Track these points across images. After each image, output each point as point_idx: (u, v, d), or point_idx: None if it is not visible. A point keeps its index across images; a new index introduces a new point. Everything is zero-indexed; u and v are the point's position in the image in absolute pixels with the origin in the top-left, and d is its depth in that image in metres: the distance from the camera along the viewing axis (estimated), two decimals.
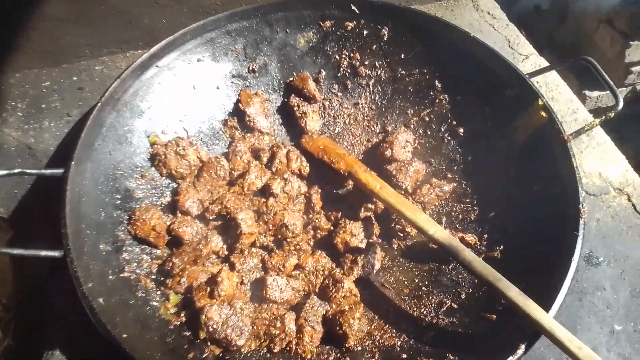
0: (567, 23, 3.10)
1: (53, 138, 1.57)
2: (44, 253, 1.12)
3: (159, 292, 1.24)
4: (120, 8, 1.67)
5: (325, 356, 1.19)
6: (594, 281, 1.32)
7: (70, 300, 1.22)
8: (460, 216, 1.48)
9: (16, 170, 1.22)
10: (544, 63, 1.85)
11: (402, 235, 1.45)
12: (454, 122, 1.60)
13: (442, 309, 1.27)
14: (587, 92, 2.81)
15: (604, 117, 1.34)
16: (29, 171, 1.24)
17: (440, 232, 1.24)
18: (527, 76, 1.46)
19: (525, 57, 1.86)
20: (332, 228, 1.42)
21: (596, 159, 1.59)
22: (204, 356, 1.12)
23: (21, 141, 1.56)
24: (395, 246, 1.46)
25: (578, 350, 0.96)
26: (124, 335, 1.04)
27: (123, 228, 1.30)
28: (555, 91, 1.75)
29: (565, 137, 1.32)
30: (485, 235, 1.39)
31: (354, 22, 1.67)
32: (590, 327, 1.24)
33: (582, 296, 1.29)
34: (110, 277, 1.18)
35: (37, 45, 1.68)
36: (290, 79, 1.68)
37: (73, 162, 1.24)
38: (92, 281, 1.11)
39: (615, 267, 1.35)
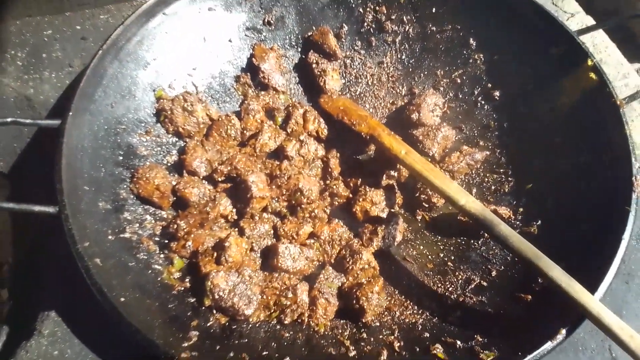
0: None
1: (53, 89, 1.48)
2: (37, 208, 1.05)
3: (162, 256, 1.16)
4: None
5: (340, 331, 1.10)
6: None
7: (66, 261, 1.16)
8: (493, 187, 1.36)
9: (9, 119, 1.14)
10: (591, 22, 1.68)
11: (427, 206, 1.34)
12: (489, 85, 1.47)
13: (469, 287, 1.17)
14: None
15: None
16: (22, 120, 1.16)
17: (472, 203, 1.12)
18: (575, 33, 1.31)
19: (571, 15, 1.70)
20: (350, 195, 1.32)
21: None
22: (208, 324, 1.04)
23: (20, 92, 1.47)
24: (419, 217, 1.35)
25: (630, 339, 0.85)
26: (122, 300, 0.97)
27: (125, 186, 1.21)
28: (604, 53, 1.59)
29: (618, 102, 1.18)
30: (521, 209, 1.28)
31: None
32: (637, 313, 1.13)
33: (629, 279, 1.18)
34: (109, 237, 1.10)
35: None
36: (309, 33, 1.56)
37: (71, 113, 1.15)
38: (88, 240, 1.03)
39: None
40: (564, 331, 0.92)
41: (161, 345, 0.91)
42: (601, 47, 1.60)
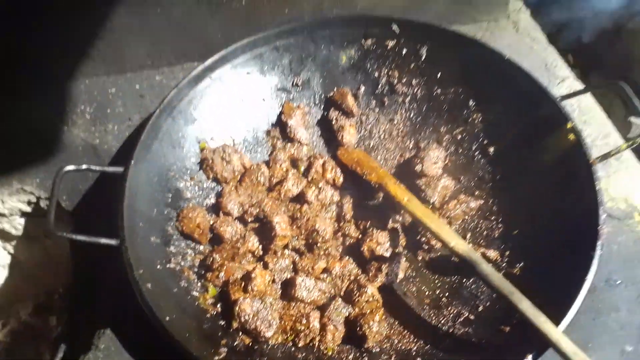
0: (616, 45, 3.04)
1: (115, 140, 1.75)
2: (103, 240, 1.27)
3: (199, 284, 1.37)
4: (180, 23, 1.83)
5: (346, 354, 1.28)
6: (610, 302, 1.35)
7: (120, 286, 1.39)
8: (485, 232, 1.53)
9: (83, 166, 1.39)
10: (580, 87, 1.86)
11: (427, 247, 1.53)
12: (485, 141, 1.66)
13: (459, 320, 1.34)
14: (632, 119, 2.75)
15: (631, 142, 1.37)
16: (94, 167, 1.40)
17: (460, 245, 1.31)
18: (558, 98, 1.50)
19: (562, 80, 1.88)
20: (360, 236, 1.51)
21: (624, 183, 1.60)
22: (235, 344, 1.24)
23: (87, 141, 1.75)
24: (419, 257, 1.53)
25: None
26: (167, 318, 1.17)
27: (172, 224, 1.44)
28: (588, 115, 1.77)
29: (591, 160, 1.35)
30: (507, 252, 1.44)
31: (394, 41, 1.75)
32: (602, 347, 1.27)
33: (596, 316, 1.32)
34: (158, 266, 1.32)
35: (104, 55, 1.85)
36: (331, 93, 1.79)
37: (132, 162, 1.38)
38: (142, 268, 1.24)
39: (633, 290, 1.37)
40: (530, 356, 1.09)
41: (197, 357, 1.12)
42: (586, 109, 1.77)
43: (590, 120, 1.76)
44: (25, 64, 1.78)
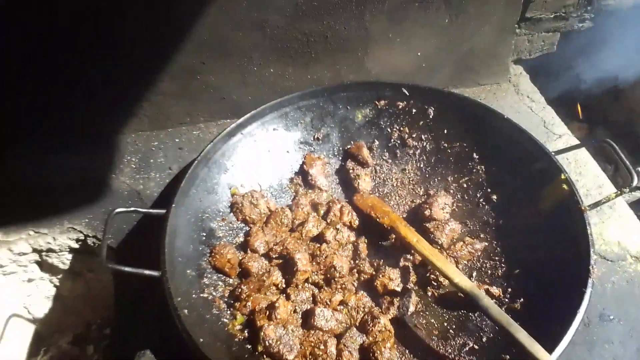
0: (620, 101, 3.23)
1: (157, 186, 1.96)
2: (147, 272, 1.45)
3: (228, 312, 1.52)
4: (215, 87, 2.10)
5: None
6: (604, 336, 1.45)
7: (157, 315, 1.56)
8: (489, 272, 1.66)
9: (131, 208, 1.60)
10: (576, 142, 2.04)
11: (435, 284, 1.66)
12: (489, 190, 1.82)
13: (464, 349, 1.45)
14: None
15: (619, 192, 1.52)
16: (140, 210, 1.61)
17: (464, 282, 1.45)
18: (552, 153, 1.67)
19: (559, 137, 2.07)
20: (374, 273, 1.66)
21: (617, 229, 1.74)
22: None
23: (132, 187, 1.97)
24: (429, 293, 1.66)
25: None
26: (201, 340, 1.31)
27: (205, 259, 1.62)
28: (583, 167, 1.93)
29: (583, 208, 1.51)
30: (509, 289, 1.57)
31: (405, 102, 1.97)
32: None
33: (591, 348, 1.42)
34: (193, 295, 1.49)
35: (148, 113, 2.12)
36: (348, 146, 2.00)
37: (173, 205, 1.58)
38: (180, 297, 1.40)
39: (625, 325, 1.47)
40: None
41: None
42: (581, 162, 1.94)
43: (585, 172, 1.92)
44: (79, 121, 2.04)
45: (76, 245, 1.97)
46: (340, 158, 2.02)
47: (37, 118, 2.00)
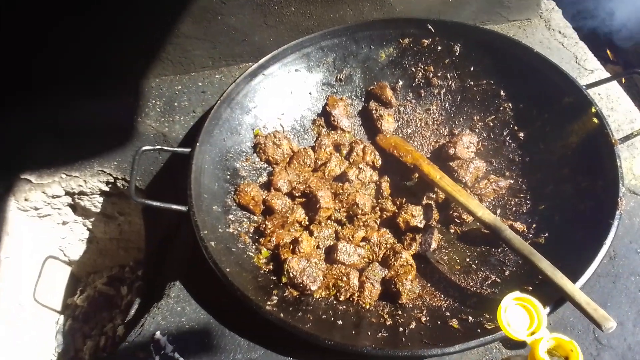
0: None
1: (182, 129, 1.99)
2: (174, 207, 1.50)
3: (253, 247, 1.57)
4: (237, 28, 2.07)
5: (381, 308, 1.43)
6: (630, 268, 1.43)
7: (186, 249, 1.62)
8: (514, 208, 1.65)
9: (157, 147, 1.63)
10: None
11: (458, 222, 1.66)
12: (516, 127, 1.78)
13: (486, 282, 1.46)
14: None
15: None
16: (166, 148, 1.65)
17: (487, 215, 1.44)
18: (583, 87, 1.61)
19: (591, 72, 1.98)
20: (396, 211, 1.66)
21: None
22: (284, 295, 1.42)
23: (158, 130, 2.00)
24: (452, 231, 1.66)
25: (594, 311, 1.12)
26: (228, 270, 1.36)
27: (230, 197, 1.66)
28: (615, 102, 1.86)
29: (614, 141, 1.46)
30: (534, 225, 1.55)
31: (430, 39, 1.92)
32: (620, 306, 1.36)
33: (616, 280, 1.41)
34: (220, 230, 1.53)
35: (172, 57, 2.12)
36: (371, 87, 1.96)
37: (198, 144, 1.62)
38: (206, 229, 1.45)
39: None
40: (548, 308, 1.20)
41: (254, 299, 1.30)
42: (614, 97, 1.86)
43: (617, 107, 1.85)
44: (104, 67, 2.07)
45: (106, 188, 2.03)
46: (363, 99, 1.99)
47: (67, 65, 2.03)
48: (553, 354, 0.80)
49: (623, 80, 2.26)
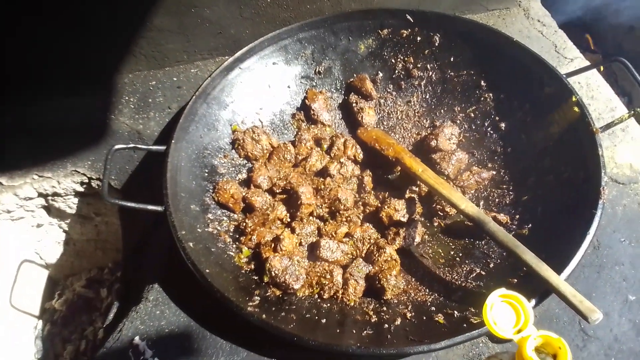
0: (635, 32, 3.09)
1: (157, 125, 1.93)
2: (150, 207, 1.44)
3: (234, 246, 1.53)
4: (212, 20, 2.01)
5: (366, 305, 1.41)
6: (614, 258, 1.44)
7: (164, 250, 1.57)
8: (497, 200, 1.64)
9: (131, 145, 1.57)
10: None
11: (442, 214, 1.64)
12: (497, 118, 1.77)
13: (471, 275, 1.45)
14: None
15: (633, 112, 1.46)
16: (140, 146, 1.58)
17: (470, 207, 1.42)
18: (563, 76, 1.60)
19: (570, 60, 1.98)
20: (379, 205, 1.64)
21: (629, 152, 1.69)
22: (267, 294, 1.39)
23: (133, 127, 1.94)
24: (435, 224, 1.65)
25: (580, 303, 1.11)
26: (207, 271, 1.32)
27: (209, 195, 1.61)
28: (595, 91, 1.86)
29: (594, 129, 1.45)
30: (517, 216, 1.55)
31: (409, 30, 1.89)
32: (605, 296, 1.36)
33: (600, 270, 1.41)
34: (198, 229, 1.48)
35: (145, 51, 2.05)
36: (351, 79, 1.93)
37: (173, 141, 1.56)
38: (184, 230, 1.41)
39: (636, 246, 1.45)
40: (533, 301, 1.19)
41: (235, 301, 1.26)
42: (594, 85, 1.86)
43: (597, 96, 1.85)
44: (74, 63, 1.99)
45: (81, 189, 1.97)
46: (343, 92, 1.96)
47: (36, 62, 1.95)
48: (541, 351, 0.78)
49: (601, 69, 2.27)
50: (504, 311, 0.85)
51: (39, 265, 2.32)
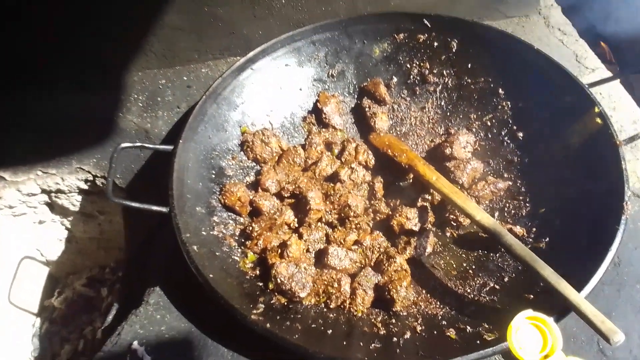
0: None
1: (165, 125, 1.90)
2: (154, 208, 1.40)
3: (239, 250, 1.48)
4: (225, 20, 1.98)
5: (374, 316, 1.36)
6: (635, 276, 1.37)
7: (168, 252, 1.53)
8: (513, 211, 1.58)
9: (137, 144, 1.53)
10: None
11: (455, 224, 1.59)
12: (514, 127, 1.71)
13: (484, 289, 1.39)
14: None
15: None
16: (147, 145, 1.55)
17: (486, 219, 1.37)
18: (585, 85, 1.55)
19: (592, 71, 1.92)
20: (390, 213, 1.59)
21: None
22: (272, 302, 1.34)
23: (140, 126, 1.91)
24: (448, 234, 1.59)
25: (601, 323, 1.05)
26: (211, 276, 1.28)
27: (215, 197, 1.56)
28: (617, 102, 1.80)
29: (618, 142, 1.40)
30: (534, 229, 1.49)
31: (426, 35, 1.85)
32: (625, 315, 1.30)
33: (621, 288, 1.35)
34: (203, 232, 1.44)
35: (155, 49, 2.01)
36: (364, 83, 1.88)
37: (181, 141, 1.53)
38: (189, 232, 1.36)
39: None
40: (552, 319, 1.13)
41: (238, 308, 1.22)
42: (615, 97, 1.81)
43: (619, 107, 1.79)
44: (84, 59, 1.96)
45: (85, 186, 1.93)
46: (356, 96, 1.91)
47: (44, 56, 1.92)
48: None
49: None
50: (529, 334, 0.79)
51: (40, 262, 2.29)
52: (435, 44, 1.85)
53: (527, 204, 1.56)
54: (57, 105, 1.95)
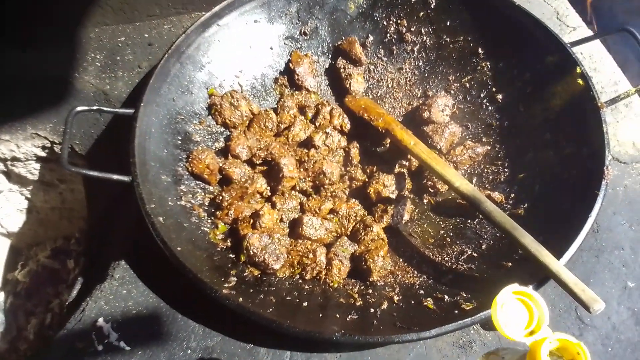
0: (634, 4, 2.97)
1: (125, 86, 1.76)
2: (115, 177, 1.31)
3: (209, 221, 1.41)
4: None
5: (351, 287, 1.32)
6: (613, 241, 1.37)
7: (132, 224, 1.44)
8: (491, 177, 1.55)
9: (95, 107, 1.42)
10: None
11: (432, 191, 1.55)
12: (494, 89, 1.66)
13: (462, 257, 1.37)
14: None
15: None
16: (105, 109, 1.43)
17: (465, 185, 1.32)
18: (568, 45, 1.49)
19: (573, 29, 1.86)
20: (367, 180, 1.53)
21: (632, 129, 1.61)
22: (244, 274, 1.28)
23: (98, 87, 1.77)
24: (425, 201, 1.55)
25: (582, 292, 1.03)
26: (178, 249, 1.21)
27: (182, 165, 1.47)
28: (599, 62, 1.76)
29: (599, 104, 1.36)
30: (513, 195, 1.46)
31: None
32: (603, 282, 1.30)
33: (599, 254, 1.34)
34: (169, 203, 1.36)
35: (112, 3, 1.83)
36: (339, 42, 1.78)
37: (142, 104, 1.41)
38: (154, 203, 1.28)
39: (637, 230, 1.39)
40: (531, 287, 1.11)
41: (209, 283, 1.16)
42: (597, 57, 1.76)
43: (600, 68, 1.75)
44: (35, 14, 1.78)
45: (43, 153, 1.80)
46: (330, 56, 1.80)
47: None
48: (556, 355, 0.70)
49: None
50: (515, 309, 0.75)
51: (0, 234, 2.17)
52: None
53: (506, 169, 1.53)
54: (8, 65, 1.79)
